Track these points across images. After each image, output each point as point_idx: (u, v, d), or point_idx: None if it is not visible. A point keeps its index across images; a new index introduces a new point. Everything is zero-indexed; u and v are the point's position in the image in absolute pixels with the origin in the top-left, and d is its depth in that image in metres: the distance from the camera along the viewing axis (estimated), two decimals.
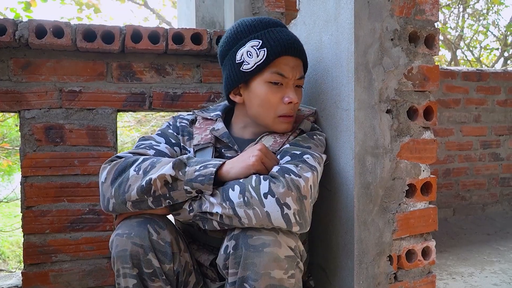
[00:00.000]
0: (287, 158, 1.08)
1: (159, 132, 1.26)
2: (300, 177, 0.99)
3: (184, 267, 1.12)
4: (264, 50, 1.15)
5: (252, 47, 1.17)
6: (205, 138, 1.23)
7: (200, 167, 1.03)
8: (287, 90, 1.18)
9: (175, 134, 1.27)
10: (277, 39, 1.17)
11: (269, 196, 0.96)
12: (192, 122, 1.30)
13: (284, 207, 0.96)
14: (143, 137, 1.23)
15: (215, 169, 1.02)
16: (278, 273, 0.96)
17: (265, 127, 1.22)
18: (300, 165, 1.02)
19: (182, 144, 1.25)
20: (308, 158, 1.06)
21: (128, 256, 1.01)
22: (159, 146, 1.20)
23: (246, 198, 0.97)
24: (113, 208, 1.08)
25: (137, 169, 1.06)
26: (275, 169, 1.02)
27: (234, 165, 1.04)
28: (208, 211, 1.01)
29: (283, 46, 1.16)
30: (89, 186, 1.54)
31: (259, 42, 1.17)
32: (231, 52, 1.21)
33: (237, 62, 1.18)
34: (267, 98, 1.17)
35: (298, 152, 1.09)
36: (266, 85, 1.17)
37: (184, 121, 1.30)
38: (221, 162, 1.06)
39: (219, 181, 1.04)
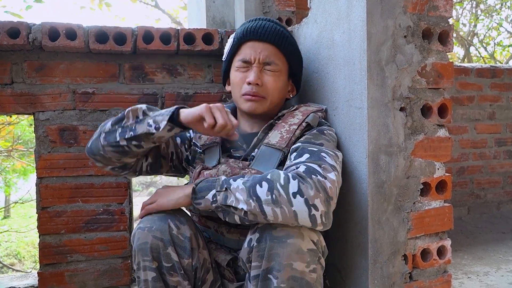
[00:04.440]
0: (307, 155, 1.07)
1: None
2: (325, 178, 0.99)
3: (202, 264, 1.13)
4: (232, 38, 1.31)
5: (230, 38, 1.33)
6: (210, 138, 1.27)
7: (165, 110, 1.11)
8: (251, 72, 1.25)
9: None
10: (245, 27, 1.29)
11: (298, 196, 0.96)
12: None
13: (312, 208, 0.96)
14: None
15: (176, 107, 1.11)
16: (300, 265, 0.96)
17: (239, 109, 1.31)
18: (323, 165, 1.02)
19: (193, 140, 1.32)
20: (325, 157, 1.06)
21: (149, 249, 1.03)
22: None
23: (274, 196, 0.96)
24: (89, 146, 1.18)
25: (121, 113, 1.17)
26: (301, 168, 1.02)
27: (190, 109, 1.10)
28: (233, 205, 1.00)
29: (245, 32, 1.27)
30: (103, 186, 1.55)
31: (234, 34, 1.32)
32: None
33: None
34: (235, 80, 1.28)
35: (315, 149, 1.09)
36: (235, 70, 1.29)
37: None
38: (182, 106, 1.13)
39: (177, 122, 1.10)
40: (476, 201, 2.75)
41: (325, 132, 1.19)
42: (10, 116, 3.89)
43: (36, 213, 1.52)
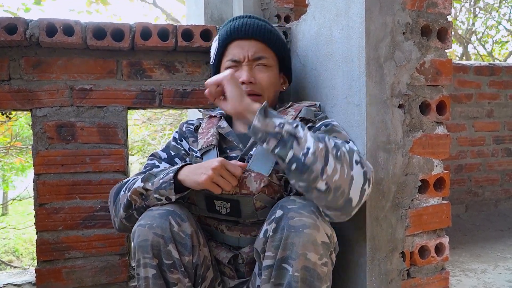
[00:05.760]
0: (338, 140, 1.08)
1: (164, 146, 1.34)
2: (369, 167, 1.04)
3: (202, 261, 1.13)
4: (217, 40, 1.30)
5: (214, 41, 1.33)
6: (207, 141, 1.26)
7: (164, 174, 1.11)
8: (241, 71, 1.25)
9: (178, 144, 1.33)
10: (228, 28, 1.28)
11: (359, 165, 0.99)
12: (196, 128, 1.36)
13: (367, 182, 0.99)
14: (151, 154, 1.32)
15: (173, 174, 1.09)
16: (313, 256, 0.97)
17: None
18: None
19: (189, 146, 1.32)
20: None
21: (149, 246, 1.03)
22: (159, 166, 1.27)
23: (339, 153, 0.98)
24: (118, 227, 1.20)
25: (125, 188, 1.17)
26: (354, 147, 1.05)
27: (189, 176, 1.09)
28: (300, 136, 0.97)
29: (230, 32, 1.27)
30: (101, 183, 1.54)
31: (217, 36, 1.31)
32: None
33: (210, 59, 1.35)
34: None
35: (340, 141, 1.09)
36: None
37: (190, 126, 1.37)
38: (179, 167, 1.11)
39: (182, 186, 1.10)
40: (474, 199, 2.75)
41: (334, 124, 1.18)
42: (9, 114, 3.88)
43: (34, 209, 1.52)
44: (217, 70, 1.33)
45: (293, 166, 0.96)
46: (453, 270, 1.87)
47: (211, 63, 1.36)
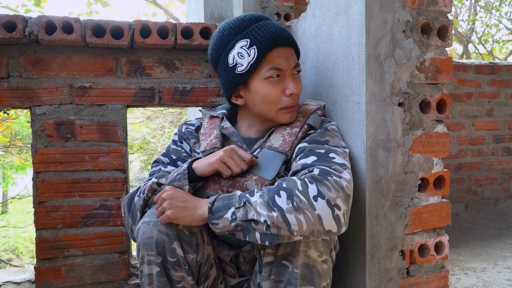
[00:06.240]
0: (313, 157, 1.06)
1: (164, 151, 1.33)
2: (341, 178, 0.99)
3: (206, 259, 1.13)
4: (254, 48, 1.15)
5: (241, 47, 1.16)
6: (210, 143, 1.24)
7: (179, 168, 1.13)
8: (286, 82, 1.18)
9: (178, 147, 1.32)
10: (264, 33, 1.16)
11: (319, 198, 0.95)
12: (198, 129, 1.34)
13: (335, 208, 0.95)
14: (154, 161, 1.31)
15: (187, 165, 1.12)
16: (313, 253, 0.98)
17: (270, 121, 1.23)
18: (333, 167, 1.02)
19: (191, 148, 1.30)
20: (334, 157, 1.05)
21: (154, 243, 1.03)
22: (166, 168, 1.27)
23: (295, 203, 0.94)
24: (136, 234, 1.16)
25: (138, 193, 1.18)
26: (315, 171, 1.00)
27: (201, 162, 1.12)
28: (254, 218, 0.95)
29: (272, 39, 1.15)
30: (100, 181, 1.54)
31: (247, 41, 1.16)
32: (222, 57, 1.21)
33: (230, 66, 1.18)
34: (269, 94, 1.17)
35: (322, 151, 1.07)
36: (264, 82, 1.17)
37: (190, 127, 1.35)
38: (193, 158, 1.15)
39: (195, 178, 1.12)
40: (474, 198, 2.75)
41: (329, 128, 1.17)
42: (8, 112, 3.88)
43: (33, 207, 1.52)
44: (246, 80, 1.19)
45: (267, 242, 0.96)
46: (453, 269, 1.87)
47: (240, 71, 1.17)
